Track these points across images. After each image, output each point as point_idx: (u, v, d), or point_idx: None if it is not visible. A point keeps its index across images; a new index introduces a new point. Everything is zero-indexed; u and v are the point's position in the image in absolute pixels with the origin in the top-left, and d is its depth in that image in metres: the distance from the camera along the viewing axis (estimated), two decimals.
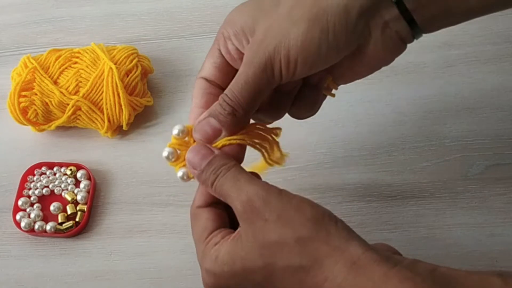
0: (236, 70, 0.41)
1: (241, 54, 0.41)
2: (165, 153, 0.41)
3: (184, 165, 0.42)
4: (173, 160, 0.42)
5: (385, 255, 0.35)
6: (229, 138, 0.40)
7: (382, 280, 0.33)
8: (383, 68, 0.60)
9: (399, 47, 0.41)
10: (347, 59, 0.40)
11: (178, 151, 0.42)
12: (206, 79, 0.43)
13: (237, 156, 0.41)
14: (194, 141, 0.42)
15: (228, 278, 0.38)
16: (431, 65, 0.61)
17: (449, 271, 0.34)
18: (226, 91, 0.40)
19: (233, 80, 0.40)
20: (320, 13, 0.38)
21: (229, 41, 0.41)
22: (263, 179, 0.41)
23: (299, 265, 0.36)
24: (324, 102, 0.44)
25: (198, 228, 0.41)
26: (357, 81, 0.60)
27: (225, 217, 0.41)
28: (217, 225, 0.41)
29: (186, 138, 0.42)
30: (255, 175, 0.41)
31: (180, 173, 0.42)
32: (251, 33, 0.40)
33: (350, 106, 0.59)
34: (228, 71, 0.42)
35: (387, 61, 0.42)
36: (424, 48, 0.61)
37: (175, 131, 0.42)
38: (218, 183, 0.39)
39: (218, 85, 0.43)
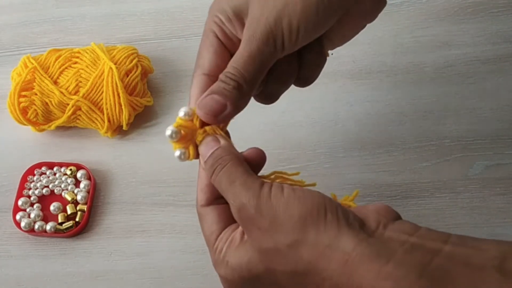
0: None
1: (238, 39, 0.41)
2: (168, 132, 0.40)
3: (183, 147, 0.41)
4: (175, 140, 0.41)
5: (377, 246, 0.34)
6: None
7: (376, 281, 0.33)
8: (383, 68, 0.61)
9: (381, 2, 0.42)
10: (336, 23, 0.41)
11: (182, 132, 0.41)
12: (207, 75, 0.42)
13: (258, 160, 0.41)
14: (201, 124, 0.41)
15: (240, 284, 0.39)
16: (431, 65, 0.60)
17: (446, 263, 0.33)
18: (228, 68, 0.40)
19: (234, 57, 0.40)
20: None
21: (224, 26, 0.41)
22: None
23: (296, 270, 0.36)
24: (324, 102, 0.44)
25: (206, 231, 0.41)
26: (357, 81, 0.61)
27: (228, 210, 0.41)
28: (222, 225, 0.41)
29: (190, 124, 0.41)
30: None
31: (177, 153, 0.41)
32: (245, 14, 0.40)
33: (350, 106, 0.59)
34: (227, 58, 0.42)
35: (372, 18, 0.43)
36: (424, 48, 0.61)
37: (181, 113, 0.41)
38: (216, 180, 0.39)
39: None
